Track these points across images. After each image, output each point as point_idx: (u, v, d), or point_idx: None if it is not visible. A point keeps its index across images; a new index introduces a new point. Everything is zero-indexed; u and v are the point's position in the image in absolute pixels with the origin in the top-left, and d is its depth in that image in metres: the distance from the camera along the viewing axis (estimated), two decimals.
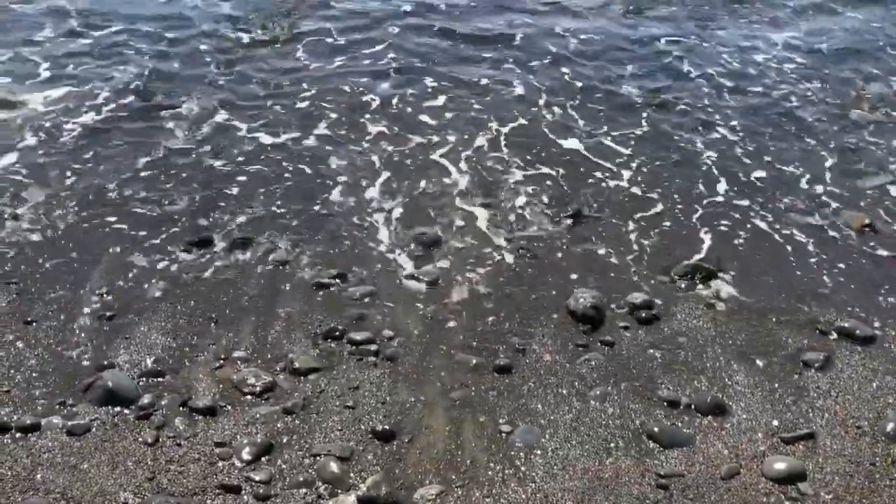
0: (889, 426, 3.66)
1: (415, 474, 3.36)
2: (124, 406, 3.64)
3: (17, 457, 3.36)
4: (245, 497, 3.24)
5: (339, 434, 3.55)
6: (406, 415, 3.67)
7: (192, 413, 3.64)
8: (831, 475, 3.42)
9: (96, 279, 4.52)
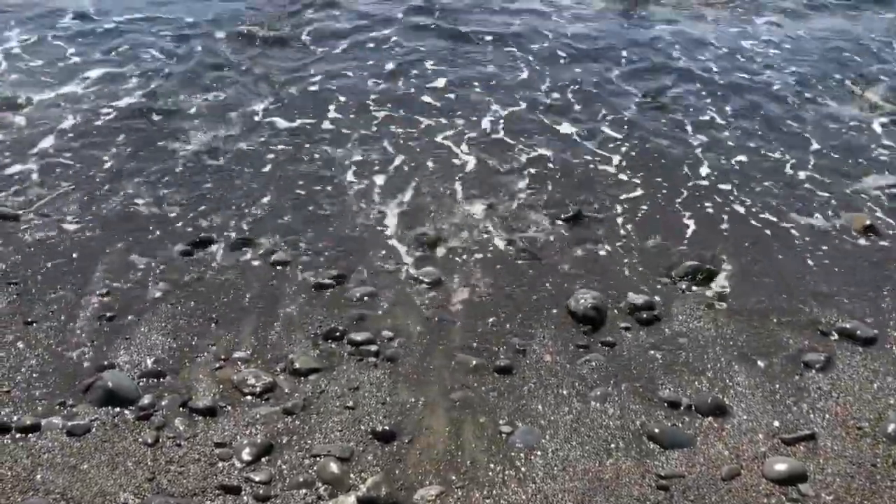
0: (890, 427, 3.66)
1: (415, 475, 3.36)
2: (124, 406, 3.63)
3: (17, 457, 3.36)
4: (245, 498, 3.23)
5: (340, 435, 3.55)
6: (406, 415, 3.67)
7: (192, 413, 3.63)
8: (832, 476, 3.42)
9: (97, 280, 4.51)
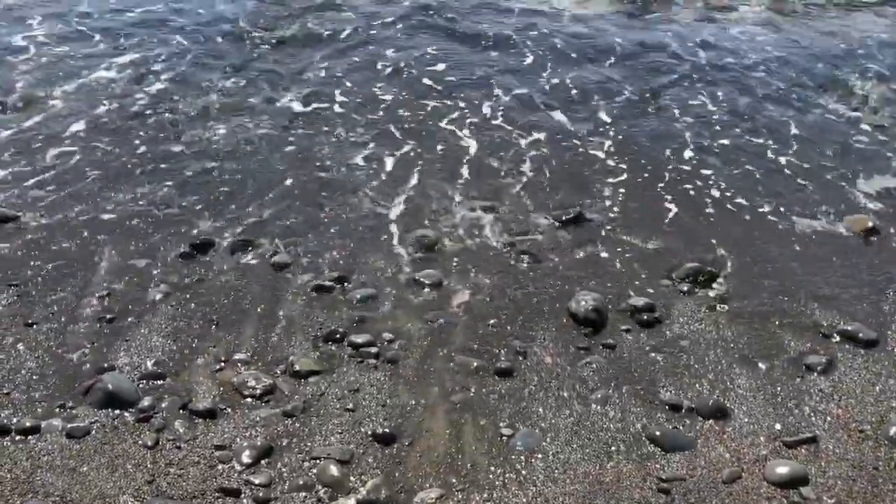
0: (892, 430, 3.64)
1: (415, 478, 3.35)
2: (124, 409, 3.62)
3: (16, 459, 3.35)
4: (245, 500, 3.22)
5: (339, 437, 3.54)
6: (406, 418, 3.66)
7: (192, 416, 3.62)
8: (834, 479, 3.40)
9: (97, 282, 4.51)
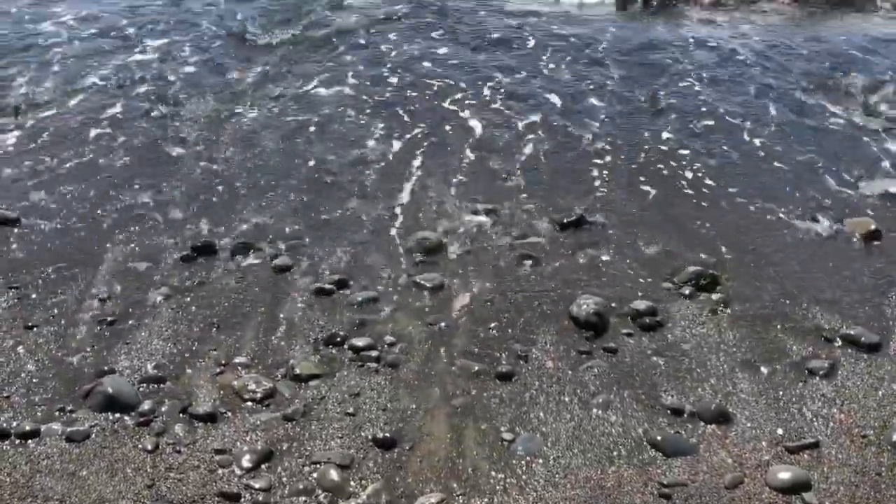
0: (895, 435, 3.62)
1: (415, 482, 3.34)
2: (124, 412, 3.62)
3: (16, 463, 3.34)
4: None
5: (340, 441, 3.53)
6: (407, 422, 3.65)
7: (192, 420, 3.61)
8: (836, 485, 3.38)
9: (97, 284, 4.50)
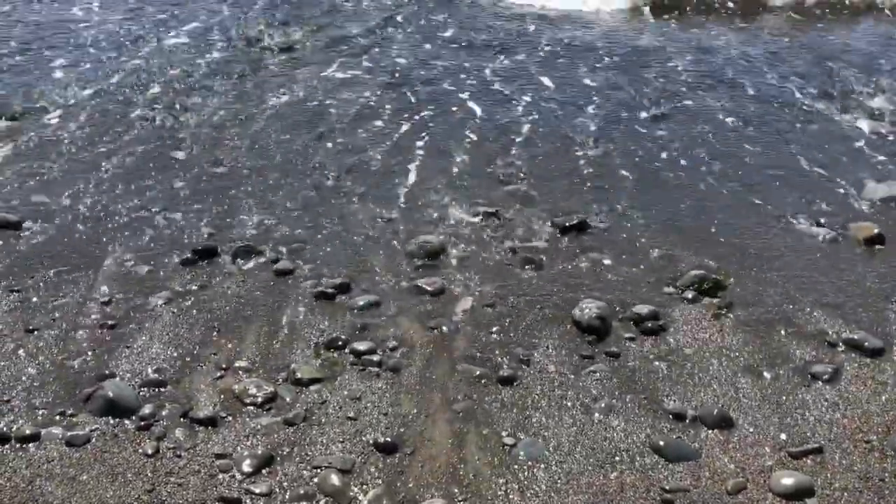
0: None
1: (417, 487, 3.32)
2: (125, 416, 3.60)
3: (16, 467, 3.33)
4: None
5: (341, 446, 3.51)
6: (408, 426, 3.63)
7: (192, 424, 3.60)
8: (840, 491, 3.37)
9: (98, 288, 4.50)
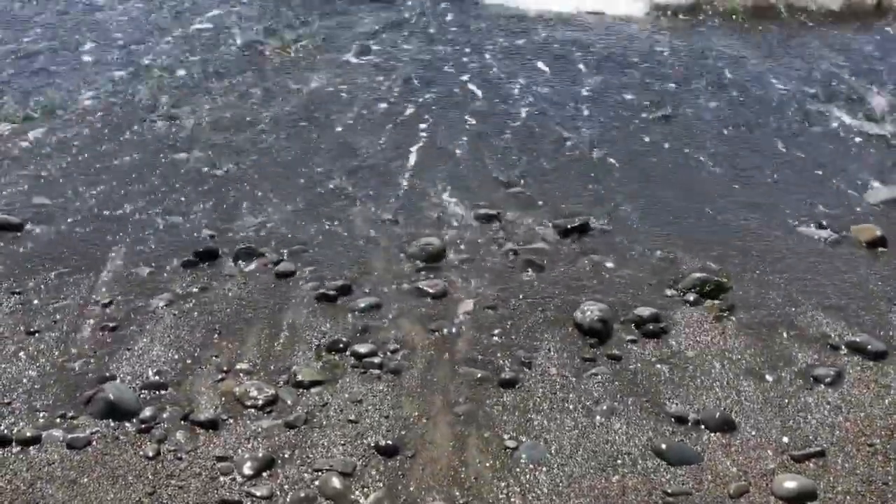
0: None
1: (418, 490, 3.32)
2: (125, 419, 3.60)
3: (17, 470, 3.33)
4: None
5: (342, 449, 3.51)
6: (409, 429, 3.63)
7: (193, 426, 3.60)
8: (843, 495, 3.36)
9: (99, 290, 4.49)
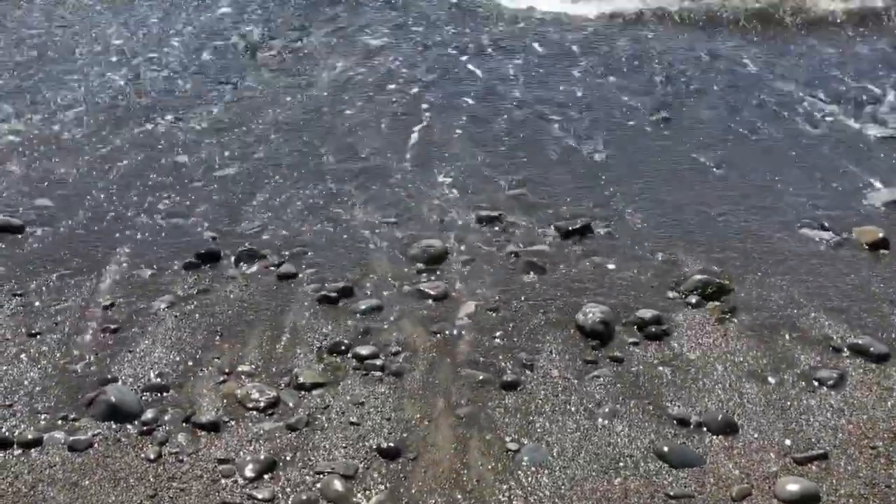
0: None
1: (420, 493, 3.31)
2: (127, 421, 3.60)
3: (18, 473, 3.32)
4: None
5: (344, 451, 3.50)
6: (411, 431, 3.62)
7: (194, 429, 3.59)
8: (845, 497, 3.34)
9: (101, 292, 4.49)
